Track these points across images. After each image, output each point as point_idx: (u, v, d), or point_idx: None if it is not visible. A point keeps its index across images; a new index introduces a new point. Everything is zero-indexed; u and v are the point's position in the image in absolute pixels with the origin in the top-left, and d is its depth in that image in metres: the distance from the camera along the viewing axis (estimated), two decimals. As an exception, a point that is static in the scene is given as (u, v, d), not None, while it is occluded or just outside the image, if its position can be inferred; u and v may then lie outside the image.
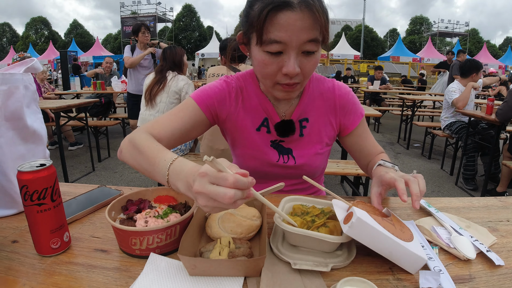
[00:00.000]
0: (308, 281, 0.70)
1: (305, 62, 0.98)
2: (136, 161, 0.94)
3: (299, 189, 1.35)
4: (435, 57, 26.77)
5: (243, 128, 1.23)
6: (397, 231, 0.78)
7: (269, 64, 0.98)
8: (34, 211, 0.76)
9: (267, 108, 1.21)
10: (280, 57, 0.96)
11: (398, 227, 0.81)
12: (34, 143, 1.10)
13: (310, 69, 1.01)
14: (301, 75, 1.01)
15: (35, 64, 1.12)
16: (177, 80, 3.39)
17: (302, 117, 1.24)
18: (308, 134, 1.25)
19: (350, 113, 1.27)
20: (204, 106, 1.18)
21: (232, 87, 1.22)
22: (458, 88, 4.83)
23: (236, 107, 1.22)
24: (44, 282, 0.70)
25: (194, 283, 0.69)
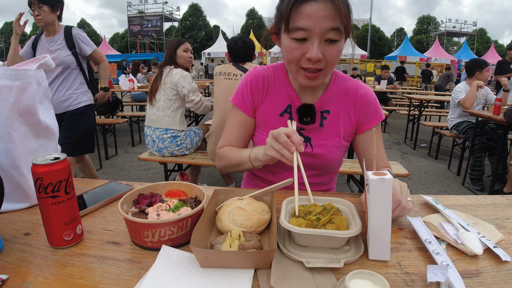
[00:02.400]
0: (317, 273, 0.71)
1: (327, 50, 1.07)
2: (228, 164, 1.32)
3: (313, 183, 1.35)
4: (442, 57, 26.64)
5: (268, 113, 1.32)
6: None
7: (295, 50, 1.09)
8: (48, 204, 0.77)
9: (291, 96, 1.30)
10: (305, 44, 1.07)
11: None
12: (47, 138, 1.12)
13: (333, 57, 1.09)
14: (324, 62, 1.10)
15: (48, 60, 1.14)
16: (171, 75, 3.22)
17: (324, 108, 1.30)
18: (328, 125, 1.31)
19: (369, 112, 1.32)
20: (244, 106, 1.34)
21: (260, 75, 1.33)
22: (464, 88, 4.80)
23: (263, 93, 1.32)
24: (57, 273, 0.71)
25: (205, 275, 0.70)
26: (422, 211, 1.07)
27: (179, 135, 3.27)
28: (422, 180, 4.84)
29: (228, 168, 1.35)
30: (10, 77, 0.97)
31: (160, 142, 3.25)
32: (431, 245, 0.81)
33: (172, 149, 3.28)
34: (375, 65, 23.63)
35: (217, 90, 3.15)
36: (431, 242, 0.83)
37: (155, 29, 42.88)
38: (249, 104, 1.33)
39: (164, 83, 3.21)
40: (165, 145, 3.25)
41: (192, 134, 3.42)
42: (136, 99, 8.10)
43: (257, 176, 1.46)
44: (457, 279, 0.68)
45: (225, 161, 1.34)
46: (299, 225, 0.78)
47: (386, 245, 0.77)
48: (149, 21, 42.75)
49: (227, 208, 0.89)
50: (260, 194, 0.98)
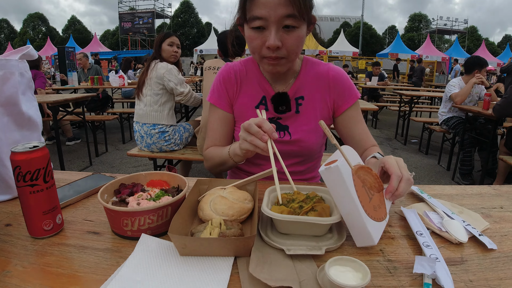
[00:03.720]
0: (298, 261, 0.71)
1: (286, 37, 1.07)
2: (213, 164, 1.32)
3: (296, 171, 1.38)
4: (433, 54, 26.75)
5: (244, 107, 1.33)
6: (369, 205, 0.80)
7: (255, 39, 1.10)
8: (26, 192, 0.76)
9: (265, 87, 1.31)
10: (264, 33, 1.08)
11: (374, 203, 0.83)
12: (29, 130, 1.10)
13: (293, 43, 1.09)
14: (284, 50, 1.10)
15: (31, 51, 1.12)
16: (156, 69, 3.18)
17: (298, 94, 1.31)
18: (304, 111, 1.31)
19: (343, 93, 1.33)
20: (221, 103, 1.36)
21: (232, 70, 1.34)
22: (458, 84, 4.83)
23: (237, 87, 1.33)
24: (35, 262, 0.71)
25: (184, 263, 0.69)
26: (407, 200, 1.07)
27: (167, 131, 3.25)
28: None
29: (214, 168, 1.35)
30: (-9, 67, 0.95)
31: (148, 137, 3.23)
32: (422, 237, 0.80)
33: (160, 145, 3.25)
34: (366, 62, 23.71)
35: (207, 84, 3.13)
36: (422, 234, 0.82)
37: (147, 26, 42.59)
38: (225, 99, 1.35)
39: (150, 78, 3.19)
40: (153, 140, 3.22)
41: (181, 130, 3.39)
42: (127, 96, 8.05)
43: (241, 169, 1.46)
44: (445, 273, 0.67)
45: (211, 162, 1.35)
46: (281, 213, 0.77)
47: (363, 230, 0.76)
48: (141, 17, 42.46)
49: (209, 197, 0.88)
50: (243, 183, 0.97)
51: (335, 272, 0.62)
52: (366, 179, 0.85)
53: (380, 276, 0.68)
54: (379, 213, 0.83)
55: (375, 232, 0.77)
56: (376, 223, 0.79)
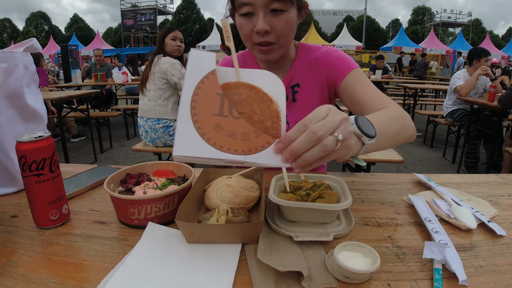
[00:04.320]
0: (306, 247, 0.70)
1: (275, 21, 1.06)
2: None
3: None
4: (437, 47, 26.63)
5: None
6: (216, 119, 0.62)
7: (244, 26, 1.09)
8: (32, 182, 0.76)
9: None
10: (252, 19, 1.06)
11: (233, 127, 0.62)
12: (34, 122, 1.10)
13: (282, 27, 1.07)
14: (274, 34, 1.08)
15: (34, 43, 1.12)
16: (159, 63, 3.19)
17: (293, 82, 1.29)
18: (300, 99, 1.30)
19: (334, 67, 1.25)
20: None
21: (229, 63, 1.34)
22: (463, 76, 4.79)
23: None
24: (42, 252, 0.71)
25: (192, 251, 0.69)
26: (414, 188, 1.07)
27: (172, 125, 3.25)
28: (417, 168, 4.84)
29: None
30: (-5, 59, 0.95)
31: (152, 132, 3.23)
32: (430, 224, 0.79)
33: (165, 139, 3.25)
34: (370, 56, 23.60)
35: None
36: (431, 220, 0.81)
37: (149, 23, 42.56)
38: None
39: (153, 73, 3.19)
40: (158, 135, 3.22)
41: (185, 124, 3.39)
42: (130, 92, 8.06)
43: None
44: (455, 258, 0.67)
45: None
46: (289, 200, 0.77)
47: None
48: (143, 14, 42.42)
49: (216, 185, 0.87)
50: (249, 172, 0.97)
51: (344, 257, 0.61)
52: (252, 105, 0.65)
53: (389, 262, 0.67)
54: (228, 141, 0.61)
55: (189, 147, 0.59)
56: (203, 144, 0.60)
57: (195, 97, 0.61)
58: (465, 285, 0.61)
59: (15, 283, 0.60)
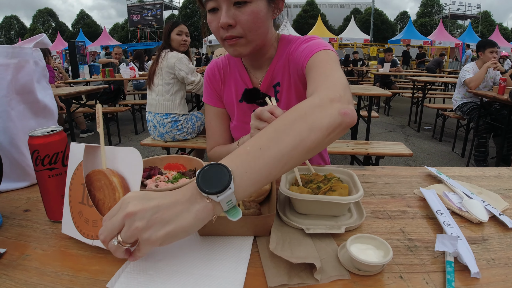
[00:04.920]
0: (318, 240, 0.71)
1: (239, 14, 1.01)
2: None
3: None
4: (446, 40, 26.31)
5: (229, 101, 1.32)
6: (79, 205, 0.72)
7: (212, 22, 1.06)
8: (45, 176, 0.77)
9: (244, 78, 1.27)
10: (218, 13, 1.03)
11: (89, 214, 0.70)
12: (45, 118, 1.11)
13: (247, 19, 1.02)
14: (240, 28, 1.03)
15: (44, 39, 1.13)
16: (166, 58, 3.19)
17: (274, 82, 1.25)
18: (283, 97, 1.24)
19: (299, 55, 1.12)
20: (213, 101, 1.35)
21: (215, 66, 1.34)
22: (472, 69, 4.74)
23: (221, 83, 1.34)
24: (55, 245, 0.72)
25: (204, 242, 0.69)
26: (425, 181, 1.06)
27: (180, 120, 3.26)
28: (426, 162, 4.81)
29: None
30: (6, 55, 0.96)
31: (161, 127, 3.24)
32: (442, 216, 0.79)
33: (173, 134, 3.26)
34: (378, 49, 23.44)
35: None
36: (442, 213, 0.81)
37: (155, 18, 42.53)
38: (215, 96, 1.35)
39: (160, 67, 3.19)
40: (166, 130, 3.24)
41: (193, 119, 3.39)
42: (138, 88, 8.08)
43: None
44: (467, 250, 0.67)
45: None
46: (300, 193, 0.77)
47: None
48: (149, 9, 42.39)
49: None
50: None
51: (356, 250, 0.61)
52: (105, 192, 0.69)
53: (401, 254, 0.67)
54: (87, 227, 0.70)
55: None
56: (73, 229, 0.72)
57: (70, 186, 0.73)
58: (477, 277, 0.61)
59: (28, 277, 0.61)
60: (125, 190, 0.69)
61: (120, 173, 0.71)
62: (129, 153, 0.71)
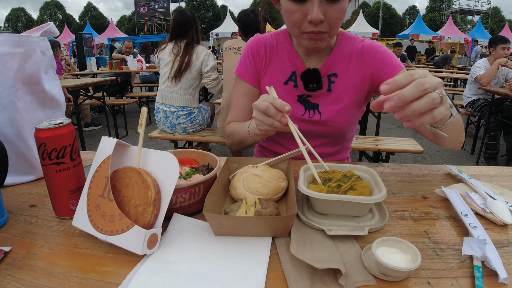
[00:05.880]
0: (339, 242, 0.67)
1: (329, 10, 0.98)
2: (233, 142, 1.26)
3: (324, 153, 1.32)
4: (456, 35, 26.02)
5: (271, 82, 1.25)
6: (99, 199, 0.69)
7: (295, 12, 1.00)
8: (52, 171, 0.73)
9: (295, 62, 1.22)
10: (305, 5, 0.98)
11: (108, 209, 0.67)
12: (52, 109, 1.08)
13: (336, 17, 1.00)
14: (327, 24, 1.01)
15: (52, 28, 1.10)
16: (197, 53, 3.17)
17: (330, 72, 1.22)
18: (336, 89, 1.22)
19: (381, 63, 1.19)
20: (247, 76, 1.28)
21: (262, 42, 1.27)
22: (484, 65, 4.67)
23: (265, 61, 1.27)
24: (63, 244, 0.69)
25: (220, 243, 0.66)
26: (445, 181, 1.02)
27: (194, 112, 3.28)
28: (435, 159, 4.76)
29: (234, 146, 1.29)
30: (13, 44, 0.93)
31: (174, 118, 3.23)
32: (467, 218, 0.75)
33: (185, 125, 3.26)
34: (386, 43, 23.24)
35: (227, 65, 3.09)
36: (467, 215, 0.77)
37: (162, 10, 42.37)
38: (252, 73, 1.27)
39: (191, 61, 3.16)
40: (179, 121, 3.23)
41: (203, 111, 3.39)
42: (145, 80, 8.06)
43: (267, 149, 1.41)
44: (494, 254, 0.63)
45: (231, 138, 1.28)
46: (320, 192, 0.73)
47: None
48: (156, 2, 42.23)
49: (242, 175, 0.84)
50: (275, 162, 0.93)
51: (382, 254, 0.58)
52: (135, 189, 0.69)
53: (427, 258, 0.64)
54: (104, 223, 0.67)
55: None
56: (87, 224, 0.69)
57: (93, 178, 0.71)
58: (505, 283, 0.57)
59: (35, 278, 0.58)
60: (157, 191, 0.67)
61: (152, 175, 0.70)
62: (166, 158, 0.72)
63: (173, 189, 0.68)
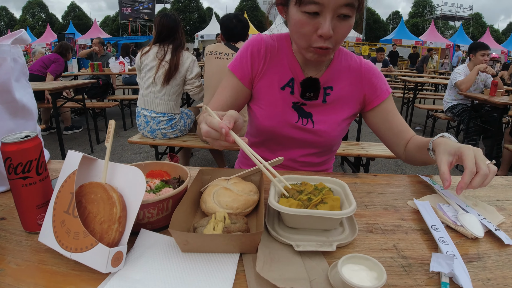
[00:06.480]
0: (307, 258, 0.67)
1: (339, 26, 0.99)
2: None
3: (311, 162, 1.34)
4: (437, 40, 26.49)
5: (268, 85, 1.25)
6: (64, 215, 0.68)
7: (306, 24, 1.00)
8: (19, 185, 0.71)
9: (295, 68, 1.23)
10: (316, 19, 0.98)
11: (72, 225, 0.66)
12: (24, 118, 1.06)
13: (343, 33, 1.02)
14: (334, 40, 1.02)
15: (23, 35, 1.07)
16: (183, 59, 3.10)
17: (327, 84, 1.24)
18: (331, 102, 1.25)
19: (375, 87, 1.26)
20: (240, 73, 1.25)
21: (263, 43, 1.25)
22: (464, 71, 4.76)
23: (264, 63, 1.25)
24: (29, 260, 0.67)
25: (187, 260, 0.65)
26: (419, 191, 1.03)
27: (175, 118, 3.22)
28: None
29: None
30: (-19, 52, 0.90)
31: (154, 123, 3.17)
32: (437, 232, 0.76)
33: (166, 131, 3.21)
34: (370, 48, 23.50)
35: (208, 70, 3.07)
36: (437, 228, 0.78)
37: (147, 11, 42.06)
38: (247, 72, 1.25)
39: (179, 67, 3.10)
40: (160, 126, 3.17)
41: (185, 116, 3.35)
42: (128, 82, 7.96)
43: (248, 158, 1.40)
44: (462, 271, 0.64)
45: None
46: (290, 206, 0.73)
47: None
48: (141, 3, 41.93)
49: (213, 188, 0.83)
50: (248, 174, 0.93)
51: (348, 271, 0.58)
52: (100, 206, 0.67)
53: (394, 275, 0.64)
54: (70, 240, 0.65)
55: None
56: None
57: (58, 193, 0.70)
58: None
59: (1, 295, 0.57)
60: (123, 208, 0.66)
61: (119, 191, 0.69)
62: (132, 172, 0.71)
63: (139, 205, 0.66)
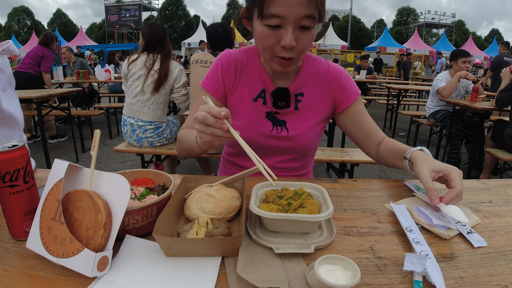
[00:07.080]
0: (287, 260, 0.70)
1: (301, 37, 1.04)
2: (182, 148, 1.25)
3: (290, 168, 1.37)
4: (421, 48, 26.95)
5: (241, 98, 1.29)
6: (51, 222, 0.69)
7: (269, 37, 1.04)
8: (6, 193, 0.73)
9: (265, 80, 1.27)
10: (279, 31, 1.02)
11: (59, 232, 0.68)
12: (10, 127, 1.07)
13: (306, 44, 1.06)
14: (297, 50, 1.06)
15: (10, 46, 1.09)
16: (172, 68, 3.13)
17: (297, 91, 1.28)
18: (303, 108, 1.29)
19: (344, 89, 1.31)
20: (213, 89, 1.29)
21: (232, 59, 1.29)
22: (445, 78, 4.88)
23: (235, 78, 1.29)
24: (17, 266, 0.68)
25: (170, 264, 0.67)
26: (397, 195, 1.07)
27: (162, 126, 3.22)
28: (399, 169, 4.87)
29: (183, 152, 1.27)
30: (-32, 63, 0.92)
31: (141, 132, 3.16)
32: (411, 234, 0.79)
33: (152, 139, 3.20)
34: (355, 55, 23.80)
35: (194, 78, 3.09)
36: (412, 230, 0.81)
37: (134, 19, 42.06)
38: (219, 87, 1.29)
39: (168, 77, 3.12)
40: (146, 135, 3.17)
41: (171, 124, 3.35)
42: (114, 90, 7.92)
43: (232, 163, 1.44)
44: (435, 270, 0.67)
45: (180, 144, 1.27)
46: (270, 210, 0.76)
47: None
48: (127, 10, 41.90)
49: (196, 195, 0.86)
50: (230, 180, 0.96)
51: (324, 271, 0.61)
52: (86, 213, 0.69)
53: (370, 274, 0.67)
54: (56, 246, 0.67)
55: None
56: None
57: (45, 201, 0.72)
58: None
59: (-11, 301, 0.58)
60: (108, 214, 0.68)
61: (104, 198, 0.71)
62: (117, 180, 0.74)
63: (124, 211, 0.69)
